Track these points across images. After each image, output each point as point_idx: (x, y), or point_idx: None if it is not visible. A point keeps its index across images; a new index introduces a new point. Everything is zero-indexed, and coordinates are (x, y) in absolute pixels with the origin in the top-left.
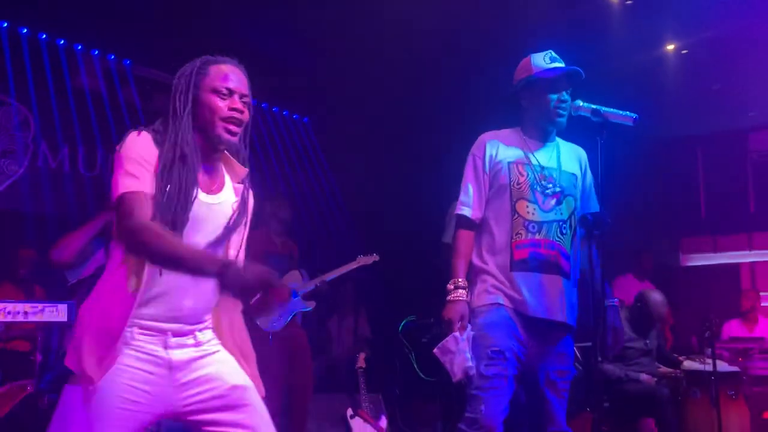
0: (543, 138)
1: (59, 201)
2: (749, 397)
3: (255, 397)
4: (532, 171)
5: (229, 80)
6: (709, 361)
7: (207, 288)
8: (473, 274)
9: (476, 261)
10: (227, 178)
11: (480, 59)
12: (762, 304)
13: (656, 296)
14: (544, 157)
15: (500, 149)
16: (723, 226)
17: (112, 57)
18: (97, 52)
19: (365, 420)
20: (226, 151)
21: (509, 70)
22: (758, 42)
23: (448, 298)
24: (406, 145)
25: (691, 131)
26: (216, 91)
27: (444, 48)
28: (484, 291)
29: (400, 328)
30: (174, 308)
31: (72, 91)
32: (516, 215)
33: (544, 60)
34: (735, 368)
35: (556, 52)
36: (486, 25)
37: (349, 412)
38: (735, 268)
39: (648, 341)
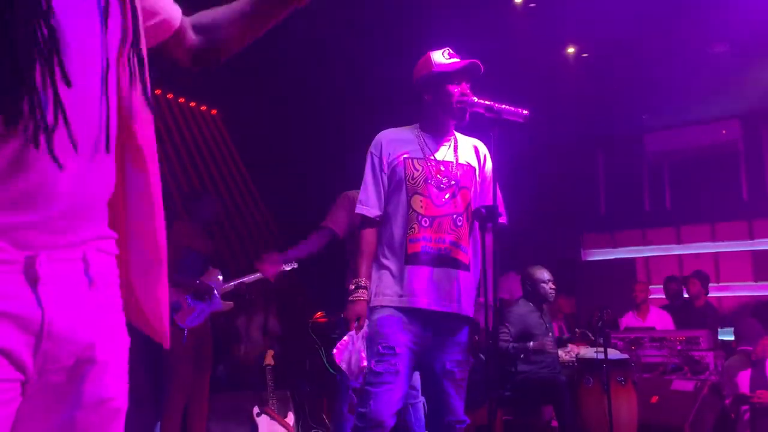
0: (442, 132)
1: None
2: (638, 383)
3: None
4: (427, 165)
5: None
6: (602, 349)
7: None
8: (375, 270)
9: (380, 256)
10: None
11: (384, 57)
12: (653, 296)
13: (540, 271)
14: (440, 151)
15: (396, 146)
16: (620, 222)
17: None
18: None
19: (272, 417)
20: None
21: (412, 68)
22: (651, 48)
23: (349, 298)
24: (319, 139)
25: (592, 132)
26: None
27: (350, 44)
28: (379, 291)
29: (309, 324)
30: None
31: None
32: (411, 210)
33: (443, 56)
34: (625, 356)
35: (460, 52)
36: (390, 24)
37: (256, 410)
38: (631, 262)
39: (547, 325)
